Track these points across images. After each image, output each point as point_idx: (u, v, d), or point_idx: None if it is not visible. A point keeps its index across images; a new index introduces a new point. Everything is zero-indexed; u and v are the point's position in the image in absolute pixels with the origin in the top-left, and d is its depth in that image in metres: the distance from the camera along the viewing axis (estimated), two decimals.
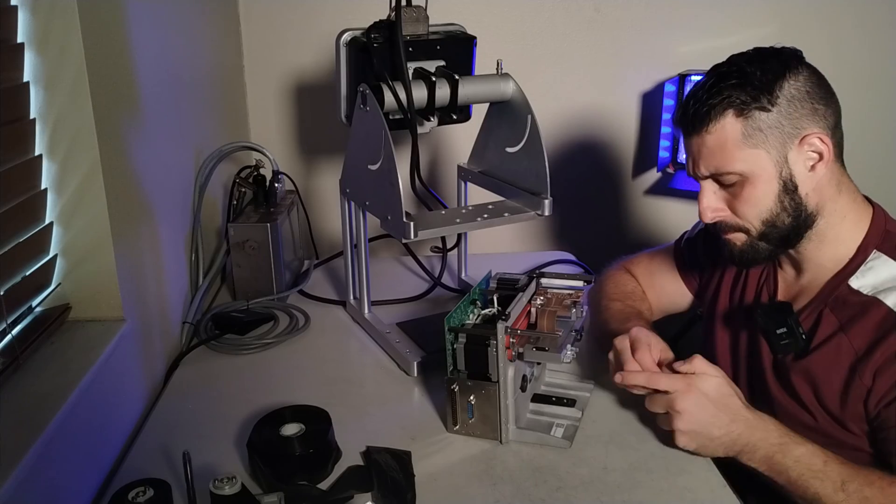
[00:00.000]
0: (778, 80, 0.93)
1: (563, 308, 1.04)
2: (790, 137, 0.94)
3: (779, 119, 0.93)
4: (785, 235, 0.98)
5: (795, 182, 0.95)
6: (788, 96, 0.93)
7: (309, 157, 1.95)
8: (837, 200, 0.98)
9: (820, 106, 0.94)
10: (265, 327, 1.32)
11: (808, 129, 0.94)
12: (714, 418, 0.92)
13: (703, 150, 0.97)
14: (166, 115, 1.27)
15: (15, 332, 0.91)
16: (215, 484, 0.77)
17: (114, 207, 1.00)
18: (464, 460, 0.96)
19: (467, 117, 1.24)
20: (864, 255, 0.97)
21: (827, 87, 0.97)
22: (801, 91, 0.94)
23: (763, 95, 0.93)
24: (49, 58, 0.93)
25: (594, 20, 1.88)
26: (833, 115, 0.96)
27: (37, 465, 0.79)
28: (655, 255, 1.32)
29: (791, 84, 0.93)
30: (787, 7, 1.87)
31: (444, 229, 1.12)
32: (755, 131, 0.93)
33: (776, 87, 0.93)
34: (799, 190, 0.95)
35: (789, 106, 0.93)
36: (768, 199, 0.96)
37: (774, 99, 0.93)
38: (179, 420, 1.06)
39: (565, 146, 1.95)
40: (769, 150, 0.94)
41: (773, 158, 0.94)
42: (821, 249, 1.00)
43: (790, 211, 0.96)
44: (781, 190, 0.95)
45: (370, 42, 1.10)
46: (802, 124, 0.94)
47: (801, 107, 0.93)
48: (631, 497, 0.89)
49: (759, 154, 0.94)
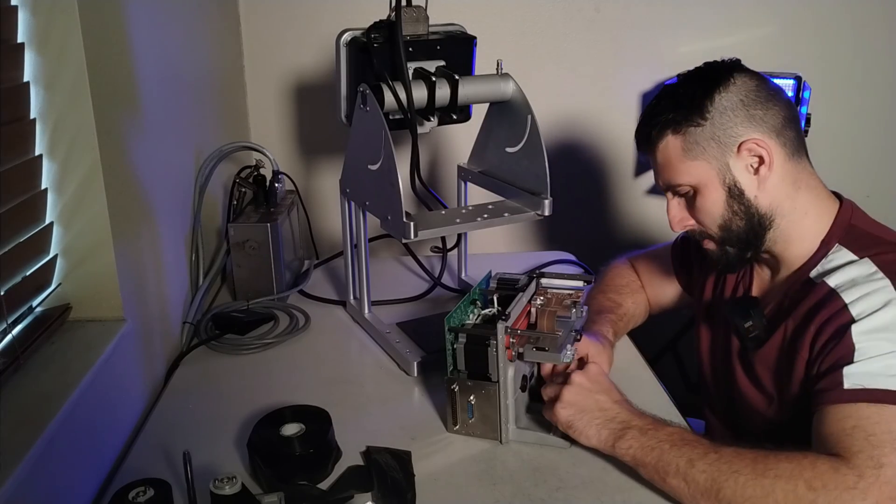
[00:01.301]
0: (708, 95, 0.98)
1: (562, 308, 1.04)
2: (727, 146, 0.98)
3: (713, 131, 0.98)
4: (743, 238, 1.01)
5: (740, 187, 0.99)
6: (721, 108, 0.97)
7: (309, 157, 1.95)
8: (796, 198, 1.00)
9: (757, 111, 0.97)
10: (265, 327, 1.32)
11: (745, 135, 0.97)
12: (601, 396, 0.95)
13: (656, 166, 1.05)
14: (166, 115, 1.27)
15: (15, 332, 0.91)
16: (215, 484, 0.77)
17: (114, 207, 1.00)
18: (464, 460, 0.96)
19: (467, 117, 1.24)
20: (826, 249, 0.99)
21: (767, 92, 0.99)
22: (734, 101, 0.98)
23: (695, 113, 0.98)
24: (49, 58, 0.93)
25: (594, 20, 1.88)
26: (776, 116, 0.98)
27: (37, 465, 0.79)
28: (658, 252, 1.34)
29: (722, 97, 0.98)
30: (787, 7, 1.87)
31: (444, 229, 1.12)
32: (693, 145, 0.99)
33: (707, 102, 0.98)
34: (746, 194, 0.99)
35: (722, 117, 0.97)
36: (718, 206, 1.00)
37: (706, 113, 0.98)
38: (179, 420, 1.06)
39: (565, 146, 1.95)
40: (709, 160, 0.99)
41: (715, 167, 0.99)
42: (788, 249, 1.02)
43: (741, 214, 1.00)
44: (728, 196, 0.99)
45: (370, 42, 1.10)
46: (738, 132, 0.97)
47: (734, 116, 0.97)
48: (631, 497, 0.89)
49: (701, 165, 0.99)
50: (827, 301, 0.92)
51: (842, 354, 0.88)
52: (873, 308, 0.88)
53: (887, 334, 0.86)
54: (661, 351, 1.89)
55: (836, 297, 0.92)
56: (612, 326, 1.19)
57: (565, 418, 0.94)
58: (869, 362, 0.85)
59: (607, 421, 0.93)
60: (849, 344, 0.87)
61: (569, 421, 0.94)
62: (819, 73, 1.82)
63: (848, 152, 1.98)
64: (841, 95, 1.93)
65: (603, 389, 0.97)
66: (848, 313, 0.89)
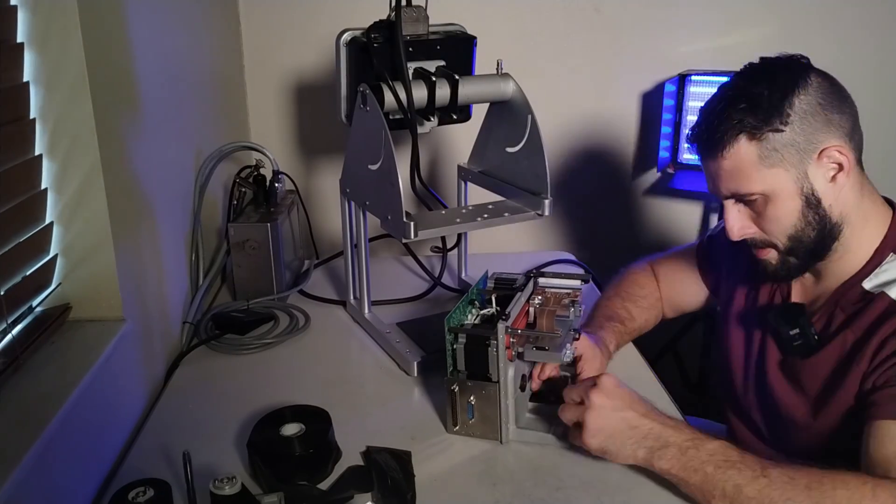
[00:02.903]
0: (788, 97, 0.91)
1: (561, 307, 1.04)
2: (807, 153, 0.92)
3: (793, 137, 0.91)
4: (811, 249, 0.97)
5: (818, 196, 0.94)
6: (801, 112, 0.91)
7: (309, 157, 1.95)
8: (860, 206, 0.97)
9: (834, 115, 0.92)
10: (265, 327, 1.32)
11: (825, 141, 0.92)
12: (627, 412, 0.89)
13: (721, 172, 0.96)
14: (166, 115, 1.27)
15: (15, 331, 0.91)
16: (215, 484, 0.77)
17: (114, 207, 1.00)
18: (464, 460, 0.96)
19: (467, 117, 1.24)
20: (880, 258, 0.96)
21: (839, 92, 0.94)
22: (813, 104, 0.91)
23: (774, 116, 0.91)
24: (49, 58, 0.93)
25: (594, 20, 1.88)
26: (849, 119, 0.94)
27: (37, 465, 0.79)
28: (682, 253, 1.31)
29: (802, 99, 0.91)
30: (788, 7, 1.87)
31: (444, 229, 1.12)
32: (771, 152, 0.92)
33: (787, 106, 0.91)
34: (822, 203, 0.94)
35: (802, 122, 0.91)
36: (792, 216, 0.95)
37: (786, 118, 0.91)
38: (179, 420, 1.06)
39: (565, 146, 1.96)
40: (787, 168, 0.93)
41: (793, 176, 0.93)
42: (844, 258, 0.98)
43: (815, 224, 0.95)
44: (804, 205, 0.94)
45: (370, 42, 1.10)
46: (818, 138, 0.92)
47: (814, 120, 0.91)
48: (631, 497, 0.89)
49: (778, 173, 0.93)
50: (890, 315, 0.90)
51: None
52: None
53: None
54: (661, 351, 1.89)
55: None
56: (617, 338, 1.17)
57: (597, 446, 0.89)
58: None
59: (641, 439, 0.88)
60: None
61: (602, 448, 0.89)
62: None
63: None
64: None
65: (626, 404, 0.90)
66: None
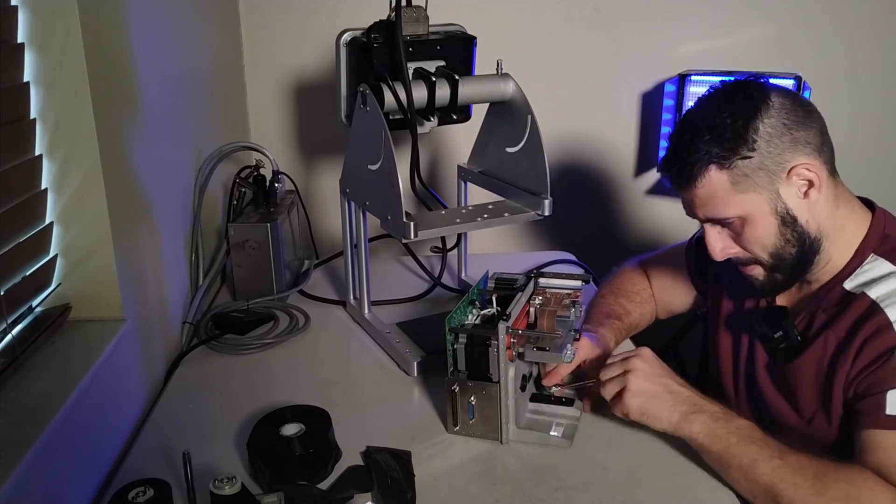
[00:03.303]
0: (751, 122, 0.92)
1: (562, 308, 1.04)
2: (776, 174, 0.93)
3: (761, 160, 0.93)
4: (794, 265, 0.98)
5: (793, 214, 0.95)
6: (766, 136, 0.92)
7: (309, 157, 1.95)
8: (836, 215, 0.98)
9: (800, 133, 0.93)
10: (265, 327, 1.31)
11: (793, 160, 0.93)
12: (667, 379, 0.96)
13: (696, 201, 0.98)
14: (166, 115, 1.27)
15: (15, 332, 0.91)
16: (215, 484, 0.77)
17: (114, 207, 1.00)
18: (464, 460, 0.96)
19: (467, 117, 1.24)
20: (860, 259, 0.97)
21: (803, 108, 0.95)
22: (778, 126, 0.93)
23: (741, 144, 0.92)
24: (49, 58, 0.93)
25: (594, 20, 1.88)
26: (816, 134, 0.95)
27: (37, 465, 0.79)
28: (671, 254, 1.31)
29: (766, 123, 0.92)
30: (787, 7, 1.87)
31: (444, 229, 1.12)
32: (741, 178, 0.94)
33: (751, 132, 0.92)
34: (798, 220, 0.95)
35: (769, 145, 0.92)
36: (770, 235, 0.96)
37: (752, 144, 0.92)
38: (179, 420, 1.06)
39: (565, 146, 1.95)
40: (759, 191, 0.94)
41: (765, 197, 0.94)
42: (826, 266, 1.00)
43: (794, 241, 0.96)
44: (781, 224, 0.96)
45: (370, 42, 1.10)
46: (786, 158, 0.93)
47: (780, 142, 0.93)
48: (631, 497, 0.89)
49: (751, 197, 0.94)
50: (870, 316, 0.91)
51: (885, 378, 0.88)
52: None
53: None
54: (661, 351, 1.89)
55: (880, 311, 0.91)
56: (616, 335, 1.18)
57: (637, 406, 0.94)
58: None
59: (678, 403, 0.93)
60: (893, 367, 0.87)
61: (642, 408, 0.94)
62: (819, 73, 1.82)
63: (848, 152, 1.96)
64: (841, 95, 1.93)
65: (665, 372, 0.97)
66: (893, 333, 0.89)
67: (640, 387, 0.94)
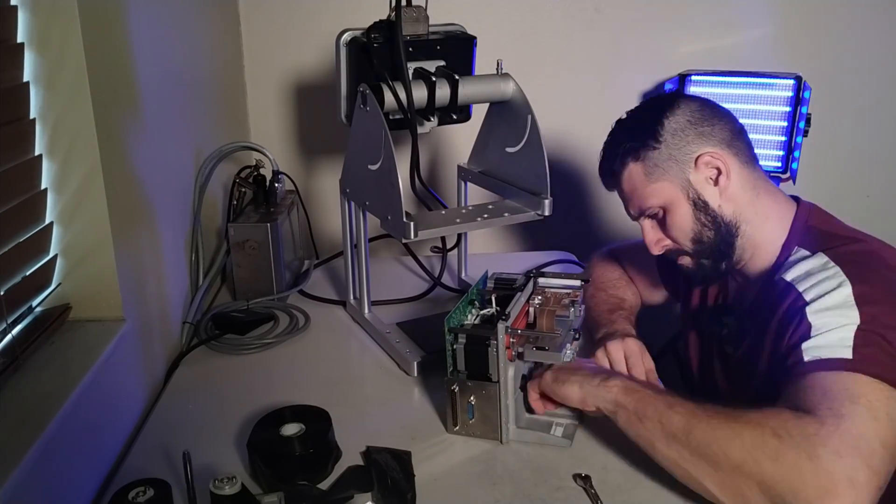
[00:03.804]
0: (658, 119, 1.06)
1: (561, 307, 1.04)
2: (684, 163, 1.05)
3: (668, 152, 1.05)
4: (716, 248, 1.06)
5: (704, 199, 1.05)
6: (671, 130, 1.05)
7: (309, 157, 1.95)
8: (756, 204, 1.06)
9: (705, 128, 1.05)
10: (265, 327, 1.32)
11: (699, 150, 1.04)
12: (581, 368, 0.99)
13: (624, 196, 1.12)
14: (166, 115, 1.27)
15: (15, 332, 0.91)
16: (215, 484, 0.77)
17: (114, 207, 1.00)
18: (464, 460, 0.96)
19: (467, 117, 1.24)
20: (787, 252, 1.04)
21: (711, 110, 1.07)
22: (682, 122, 1.06)
23: (649, 137, 1.06)
24: (49, 58, 0.93)
25: (594, 20, 1.88)
26: (724, 129, 1.06)
27: (37, 465, 0.79)
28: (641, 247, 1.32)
29: (671, 120, 1.06)
30: (787, 7, 1.87)
31: (444, 229, 1.12)
32: (653, 168, 1.06)
33: (658, 127, 1.06)
34: (710, 204, 1.05)
35: (674, 137, 1.05)
36: (688, 220, 1.06)
37: (659, 137, 1.06)
38: (179, 420, 1.06)
39: (565, 146, 1.95)
40: (671, 179, 1.06)
41: (678, 185, 1.05)
42: (756, 255, 1.07)
43: (709, 225, 1.05)
44: (694, 209, 1.05)
45: (370, 42, 1.10)
46: (691, 149, 1.05)
47: (685, 135, 1.05)
48: (631, 497, 0.89)
49: (664, 185, 1.06)
50: (785, 294, 0.97)
51: (801, 334, 0.91)
52: (825, 291, 0.92)
53: (840, 310, 0.90)
54: (661, 351, 1.89)
55: (792, 288, 0.96)
56: (629, 322, 1.21)
57: (545, 383, 0.97)
58: (824, 336, 0.88)
59: (590, 377, 0.95)
60: (805, 324, 0.91)
61: (548, 387, 0.97)
62: (819, 73, 1.82)
63: (848, 152, 1.98)
64: (841, 95, 1.93)
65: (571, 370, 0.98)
66: (802, 299, 0.94)
67: (555, 373, 0.98)
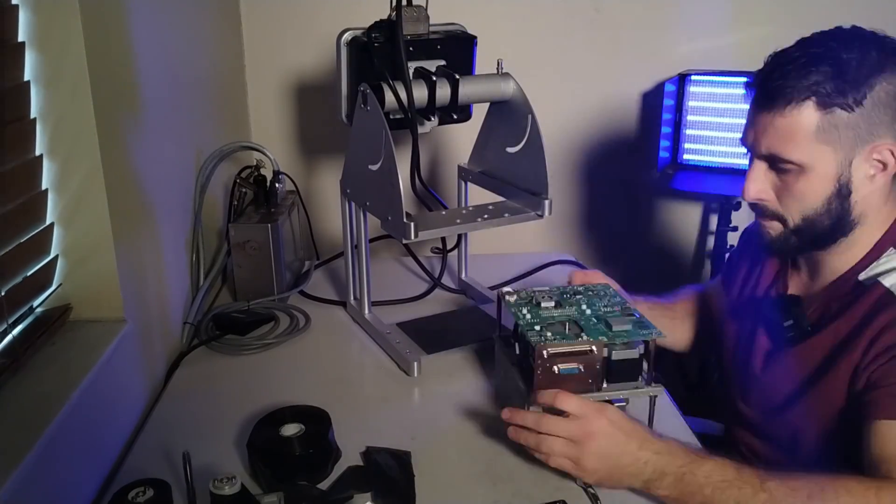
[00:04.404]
0: (872, 76, 0.86)
1: None
2: (862, 143, 0.89)
3: (858, 121, 0.88)
4: (818, 236, 0.95)
5: (851, 188, 0.91)
6: (875, 99, 0.87)
7: (309, 157, 1.94)
8: (881, 211, 0.94)
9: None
10: (266, 328, 1.32)
11: (882, 138, 0.89)
12: (624, 446, 0.85)
13: (770, 129, 0.92)
14: (167, 115, 1.27)
15: (16, 332, 0.91)
16: (215, 484, 0.77)
17: (114, 208, 1.00)
18: (464, 460, 0.96)
19: (467, 117, 1.24)
20: (878, 253, 0.94)
21: None
22: (891, 95, 0.87)
23: (850, 92, 0.87)
24: (50, 57, 0.93)
25: (594, 20, 1.88)
26: None
27: (37, 465, 0.79)
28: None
29: (883, 86, 0.87)
30: (787, 7, 1.87)
31: (445, 230, 1.12)
32: (831, 127, 0.88)
33: (867, 86, 0.86)
34: (852, 196, 0.91)
35: (873, 109, 0.87)
36: (817, 198, 0.92)
37: (861, 98, 0.86)
38: (179, 420, 1.06)
39: (565, 146, 1.95)
40: (837, 149, 0.89)
41: (838, 160, 0.90)
42: (844, 255, 0.96)
43: (834, 214, 0.92)
44: (834, 193, 0.91)
45: (371, 42, 1.10)
46: (878, 131, 0.88)
47: (883, 112, 0.88)
48: (631, 497, 0.89)
49: (826, 151, 0.89)
50: (885, 304, 0.88)
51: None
52: None
53: None
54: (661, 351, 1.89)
55: (894, 300, 0.87)
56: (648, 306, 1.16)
57: (596, 482, 0.87)
58: None
59: (637, 473, 0.84)
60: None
61: (599, 483, 0.87)
62: None
63: None
64: None
65: (615, 442, 0.85)
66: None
67: (594, 467, 0.85)
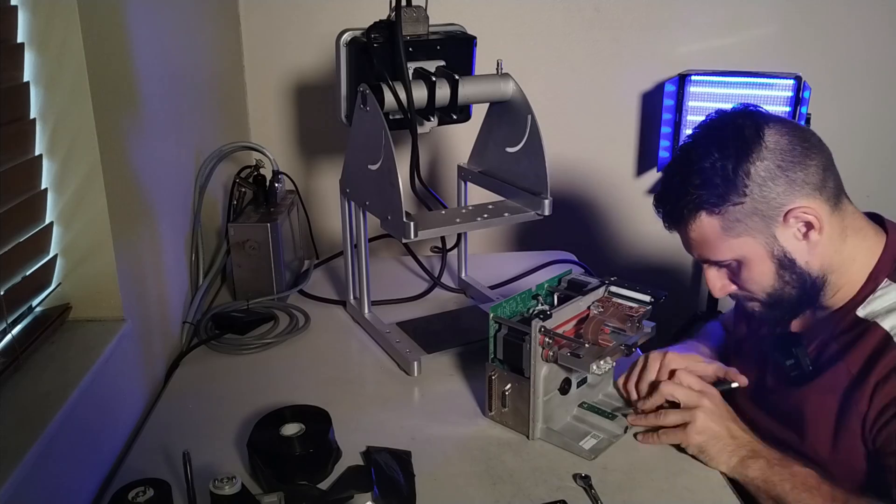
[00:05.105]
0: (742, 166, 0.88)
1: (619, 320, 1.00)
2: (772, 218, 0.90)
3: (754, 206, 0.89)
4: (796, 302, 0.96)
5: (791, 257, 0.92)
6: (759, 180, 0.88)
7: (309, 157, 1.95)
8: (843, 250, 0.93)
9: (797, 174, 0.88)
10: (265, 327, 1.32)
11: (789, 203, 0.89)
12: (731, 423, 0.95)
13: (690, 242, 0.96)
14: (166, 115, 1.27)
15: (15, 331, 0.91)
16: (215, 484, 0.77)
17: (114, 207, 1.00)
18: (464, 460, 0.96)
19: (467, 117, 1.24)
20: (874, 285, 0.93)
21: (802, 143, 0.90)
22: (771, 168, 0.88)
23: (731, 191, 0.89)
24: (49, 58, 0.93)
25: (594, 20, 1.88)
26: (815, 172, 0.90)
27: (37, 465, 0.79)
28: None
29: (758, 167, 0.88)
30: (787, 7, 1.87)
31: (444, 229, 1.12)
32: (734, 223, 0.90)
33: (742, 177, 0.88)
34: (797, 262, 0.92)
35: (762, 189, 0.88)
36: (768, 277, 0.94)
37: (744, 189, 0.88)
38: (179, 420, 1.06)
39: (565, 146, 1.95)
40: (754, 235, 0.91)
41: (761, 241, 0.91)
42: (839, 294, 0.96)
43: (793, 283, 0.93)
44: (778, 267, 0.92)
45: (370, 42, 1.10)
46: (781, 202, 0.89)
47: (774, 185, 0.88)
48: (631, 497, 0.89)
49: (745, 241, 0.91)
50: (885, 350, 0.88)
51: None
52: None
53: None
54: None
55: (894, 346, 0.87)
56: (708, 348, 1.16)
57: (699, 444, 0.94)
58: None
59: (738, 448, 0.92)
60: None
61: (702, 447, 0.93)
62: (819, 73, 1.82)
63: (848, 152, 1.96)
64: (841, 95, 1.93)
65: (732, 417, 0.96)
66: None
67: (706, 426, 0.94)
